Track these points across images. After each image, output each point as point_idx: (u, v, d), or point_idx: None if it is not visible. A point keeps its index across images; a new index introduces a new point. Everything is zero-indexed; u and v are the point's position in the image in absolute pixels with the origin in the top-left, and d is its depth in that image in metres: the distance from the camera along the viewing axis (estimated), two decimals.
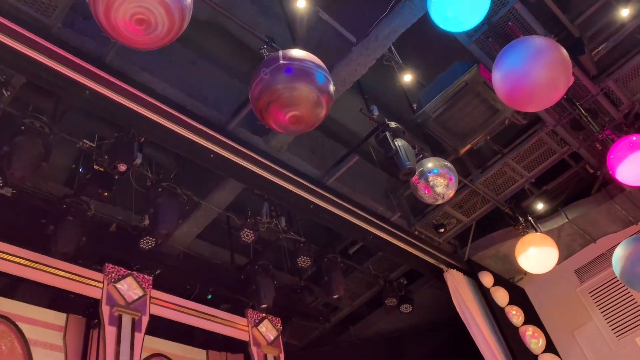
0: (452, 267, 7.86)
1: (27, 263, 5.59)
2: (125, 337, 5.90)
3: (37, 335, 6.15)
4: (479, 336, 7.30)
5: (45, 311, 6.39)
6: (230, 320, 7.25)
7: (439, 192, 5.75)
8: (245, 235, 6.90)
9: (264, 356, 7.20)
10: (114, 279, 6.18)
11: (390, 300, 8.31)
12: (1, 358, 5.77)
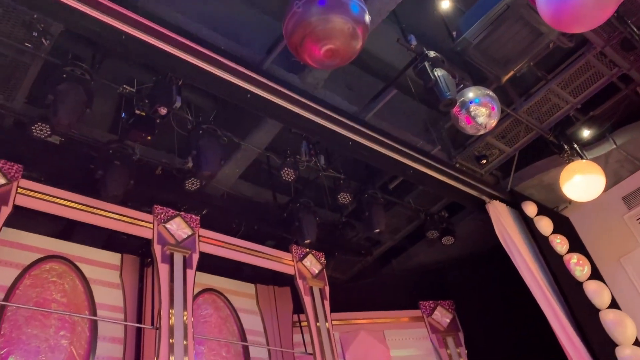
0: (495, 198, 7.80)
1: (81, 207, 5.86)
2: (178, 274, 6.19)
3: (95, 275, 6.55)
4: (523, 266, 7.31)
5: (101, 252, 6.76)
6: (276, 255, 7.48)
7: (480, 122, 5.63)
8: (285, 174, 6.99)
9: (310, 289, 7.44)
10: (163, 220, 6.43)
11: (432, 233, 8.37)
12: (65, 295, 6.19)
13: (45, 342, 5.76)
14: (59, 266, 6.30)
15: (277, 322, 7.96)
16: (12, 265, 5.92)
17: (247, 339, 7.48)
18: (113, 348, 6.23)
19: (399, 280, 9.56)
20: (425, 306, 8.87)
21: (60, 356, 5.79)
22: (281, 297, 8.27)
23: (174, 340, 5.71)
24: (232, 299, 7.76)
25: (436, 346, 8.49)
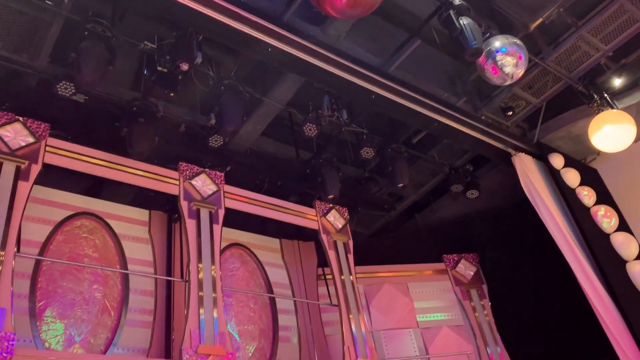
0: (521, 150, 7.67)
1: (108, 165, 5.95)
2: (205, 229, 6.31)
3: (124, 230, 6.71)
4: (548, 218, 7.25)
5: (129, 208, 6.91)
6: (300, 211, 7.54)
7: (507, 72, 5.48)
8: (308, 129, 6.96)
9: (334, 243, 7.52)
10: (189, 176, 6.51)
11: (456, 187, 8.32)
12: (97, 250, 6.38)
13: (80, 295, 5.99)
14: (90, 222, 6.47)
15: (302, 275, 8.11)
16: (44, 222, 6.10)
17: (274, 291, 7.66)
18: (144, 300, 6.44)
19: (422, 234, 9.60)
20: (448, 259, 8.92)
21: (94, 308, 6.02)
22: (306, 251, 8.39)
23: (203, 293, 5.87)
24: (257, 253, 7.90)
25: (460, 298, 8.58)
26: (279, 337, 7.34)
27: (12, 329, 4.49)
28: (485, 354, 8.05)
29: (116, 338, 6.00)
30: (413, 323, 8.17)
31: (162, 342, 6.27)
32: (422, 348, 7.92)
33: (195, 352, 5.39)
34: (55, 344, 5.59)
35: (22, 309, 5.46)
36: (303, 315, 7.76)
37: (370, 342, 6.87)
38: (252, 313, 7.34)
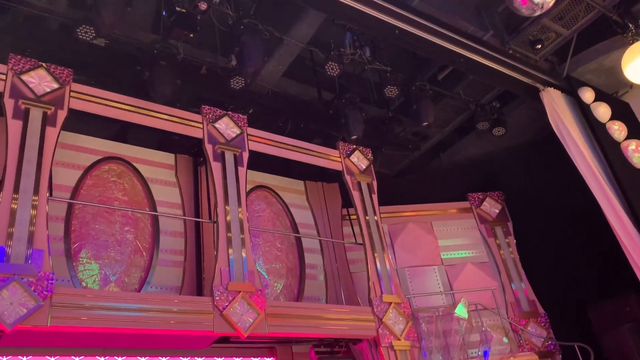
0: (549, 85, 7.45)
1: (133, 109, 5.98)
2: (230, 172, 6.37)
3: (152, 174, 6.82)
4: (577, 154, 7.12)
5: (155, 152, 6.99)
6: (323, 152, 7.54)
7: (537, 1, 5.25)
8: (330, 68, 6.85)
9: (358, 184, 7.55)
10: (212, 119, 6.51)
11: (482, 124, 8.18)
12: (126, 194, 6.52)
13: (112, 237, 6.17)
14: (117, 167, 6.58)
15: (326, 215, 8.20)
16: (73, 166, 6.23)
17: (299, 231, 7.78)
18: (175, 241, 6.62)
19: (446, 173, 9.54)
20: (473, 198, 8.90)
21: (127, 249, 6.22)
22: (330, 193, 8.45)
23: (231, 234, 6.00)
24: (282, 195, 7.99)
25: (484, 236, 8.61)
26: (305, 275, 7.52)
27: (51, 269, 4.68)
28: (509, 290, 8.15)
29: (149, 277, 6.22)
30: (437, 260, 8.27)
31: (194, 280, 6.48)
32: (447, 284, 8.05)
33: (226, 289, 5.57)
34: (92, 283, 5.83)
35: (58, 251, 5.66)
36: (328, 254, 7.91)
37: (395, 279, 7.00)
38: (279, 252, 7.50)
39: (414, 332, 6.70)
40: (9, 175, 4.90)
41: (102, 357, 5.53)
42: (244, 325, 5.49)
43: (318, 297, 7.46)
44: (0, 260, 4.47)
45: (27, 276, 4.49)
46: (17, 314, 4.33)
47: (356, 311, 6.59)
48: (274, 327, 5.77)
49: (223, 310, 5.43)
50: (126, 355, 5.67)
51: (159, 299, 5.32)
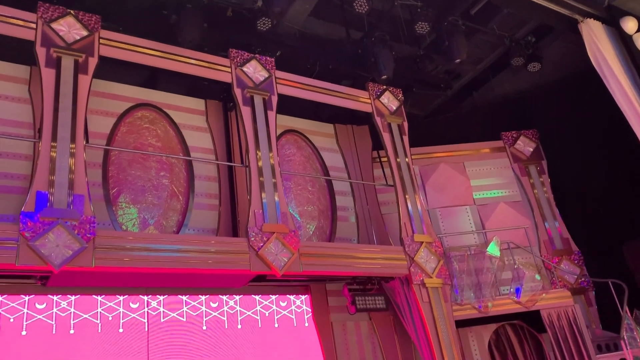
0: (589, 16, 7.10)
1: (161, 55, 5.98)
2: (260, 116, 6.39)
3: (183, 120, 6.90)
4: (617, 89, 6.86)
5: (186, 98, 7.04)
6: (353, 94, 7.45)
7: None
8: (358, 5, 6.66)
9: (388, 125, 7.48)
10: (240, 63, 6.48)
11: (517, 60, 7.90)
12: (160, 140, 6.63)
13: (149, 182, 6.34)
14: (150, 113, 6.67)
15: (357, 158, 8.20)
16: (107, 114, 6.34)
17: (330, 174, 7.83)
18: (209, 185, 6.76)
19: (479, 112, 9.34)
20: (507, 136, 8.73)
21: (163, 193, 6.39)
22: (360, 135, 8.42)
23: (263, 178, 6.08)
24: (312, 139, 8.00)
25: (518, 175, 8.50)
26: (337, 217, 7.63)
27: (92, 213, 4.86)
28: (543, 228, 8.11)
29: (186, 220, 6.41)
30: (469, 200, 8.24)
31: (229, 222, 6.65)
32: (479, 223, 8.05)
33: (260, 231, 5.71)
34: (132, 227, 6.05)
35: (97, 196, 5.86)
36: (359, 196, 7.96)
37: (426, 219, 7.04)
38: (311, 195, 7.59)
39: (446, 270, 6.79)
40: (47, 124, 5.03)
41: (145, 296, 5.81)
42: (278, 264, 5.65)
43: (350, 238, 7.59)
44: (44, 205, 4.66)
45: (70, 220, 4.68)
46: (64, 256, 4.55)
47: (388, 250, 6.69)
48: (308, 266, 5.93)
49: (258, 250, 5.59)
50: (167, 294, 5.94)
51: (196, 240, 5.50)
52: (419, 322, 6.46)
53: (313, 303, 6.77)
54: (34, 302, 5.23)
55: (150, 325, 5.69)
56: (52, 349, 5.11)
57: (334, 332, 6.71)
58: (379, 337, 6.94)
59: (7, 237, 4.43)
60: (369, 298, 6.66)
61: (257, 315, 6.42)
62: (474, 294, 6.92)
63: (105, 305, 5.56)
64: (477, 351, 7.19)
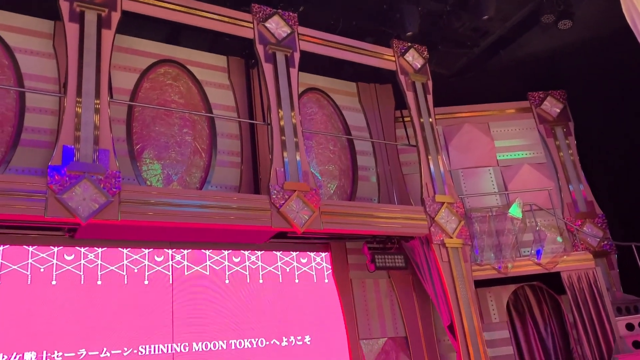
0: None
1: (183, 9, 5.93)
2: (282, 73, 6.34)
3: (206, 77, 6.89)
4: None
5: (208, 55, 7.01)
6: (377, 51, 7.33)
7: None
8: None
9: (412, 84, 7.36)
10: (262, 18, 6.39)
11: (547, 17, 7.59)
12: (182, 97, 6.65)
13: (172, 139, 6.40)
14: (172, 70, 6.67)
15: (379, 117, 8.12)
16: (130, 69, 6.36)
17: (351, 133, 7.79)
18: (231, 143, 6.80)
19: (506, 72, 9.07)
20: (534, 97, 8.54)
21: (186, 150, 6.45)
22: (383, 94, 8.31)
23: (285, 137, 6.09)
24: (335, 98, 7.93)
25: (543, 136, 8.35)
26: (358, 176, 7.63)
27: (117, 167, 4.95)
28: (567, 191, 8.01)
29: (209, 176, 6.48)
30: (493, 162, 8.15)
31: (251, 180, 6.71)
32: (501, 185, 7.99)
33: (282, 188, 5.76)
34: (156, 182, 6.14)
35: (122, 152, 5.95)
36: (381, 156, 7.93)
37: (448, 180, 7.00)
38: (332, 154, 7.59)
39: (466, 231, 6.79)
40: (71, 80, 5.08)
41: (169, 249, 5.95)
42: (299, 222, 5.71)
43: (370, 197, 7.60)
44: (70, 159, 4.75)
45: (96, 174, 4.78)
46: (90, 209, 4.66)
47: (408, 210, 6.70)
48: (328, 224, 5.98)
49: (280, 208, 5.65)
50: (191, 248, 6.07)
51: (219, 196, 5.57)
52: (437, 281, 6.52)
53: (333, 260, 6.87)
54: (63, 253, 5.41)
55: (175, 278, 5.86)
56: (80, 298, 5.31)
57: (353, 289, 6.82)
58: (398, 294, 7.05)
59: (36, 190, 4.54)
60: (389, 257, 6.73)
61: (278, 271, 6.55)
62: (494, 255, 6.94)
63: (131, 258, 5.72)
64: (495, 311, 7.26)
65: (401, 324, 6.92)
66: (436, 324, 7.01)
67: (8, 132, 5.45)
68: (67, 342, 5.10)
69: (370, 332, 6.69)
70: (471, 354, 6.15)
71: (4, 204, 4.41)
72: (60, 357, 5.02)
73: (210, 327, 5.83)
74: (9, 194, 4.45)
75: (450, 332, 6.36)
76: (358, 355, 6.45)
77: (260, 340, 6.07)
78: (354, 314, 6.67)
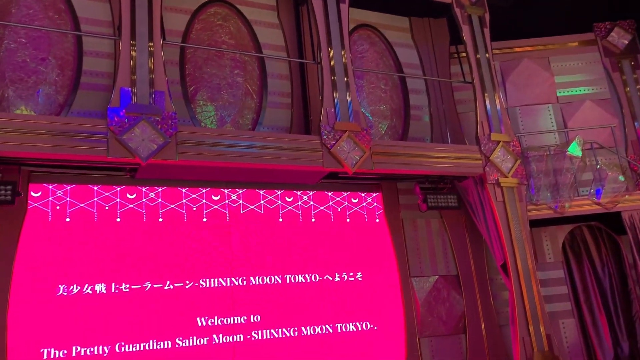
0: None
1: None
2: (332, 9, 6.19)
3: (255, 16, 6.82)
4: None
5: None
6: None
7: None
8: None
9: (468, 17, 7.05)
10: None
11: None
12: (232, 37, 6.62)
13: (224, 80, 6.44)
14: (222, 9, 6.63)
15: (433, 54, 7.86)
16: (181, 11, 6.36)
17: (404, 71, 7.60)
18: (281, 84, 6.78)
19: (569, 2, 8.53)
20: (599, 28, 8.00)
21: (238, 92, 6.50)
22: (437, 29, 7.99)
23: (335, 77, 6.01)
24: (386, 34, 7.70)
25: (609, 70, 7.87)
26: (410, 116, 7.49)
27: (172, 109, 5.05)
28: (632, 128, 7.61)
29: (261, 118, 6.54)
30: (552, 98, 7.79)
31: (301, 120, 6.72)
32: (561, 122, 7.65)
33: (333, 129, 5.75)
34: (210, 124, 6.25)
35: (176, 94, 6.06)
36: (434, 94, 7.72)
37: (505, 118, 6.77)
38: (383, 94, 7.45)
39: (523, 170, 6.62)
40: (125, 22, 5.13)
41: (225, 189, 6.12)
42: (350, 162, 5.72)
43: (423, 137, 7.48)
44: (128, 101, 4.89)
45: (153, 115, 4.91)
46: (149, 149, 4.82)
47: (462, 149, 6.57)
48: (380, 164, 5.97)
49: (331, 148, 5.66)
50: (246, 188, 6.22)
51: (270, 137, 5.63)
52: (491, 221, 6.46)
53: (384, 201, 6.88)
54: (125, 192, 5.67)
55: (231, 216, 6.05)
56: (143, 235, 5.60)
57: (404, 228, 6.86)
58: (449, 234, 7.03)
59: (98, 132, 4.73)
60: (441, 196, 6.68)
61: (330, 211, 6.64)
62: (551, 194, 6.76)
63: (189, 197, 5.93)
64: (550, 251, 7.15)
65: (453, 262, 6.94)
66: (488, 263, 7.00)
67: (68, 75, 5.64)
68: (133, 275, 5.43)
69: (422, 270, 6.77)
70: (524, 292, 6.15)
71: (69, 145, 4.63)
72: (127, 289, 5.37)
73: (265, 263, 6.05)
74: (73, 135, 4.66)
75: (503, 271, 6.35)
76: (409, 292, 6.57)
77: (314, 275, 6.26)
78: (405, 252, 6.73)
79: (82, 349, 5.04)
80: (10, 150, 4.51)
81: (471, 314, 6.73)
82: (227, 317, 5.69)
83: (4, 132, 4.44)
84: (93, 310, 5.18)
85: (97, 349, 5.08)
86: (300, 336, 5.96)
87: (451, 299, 6.74)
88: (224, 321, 5.66)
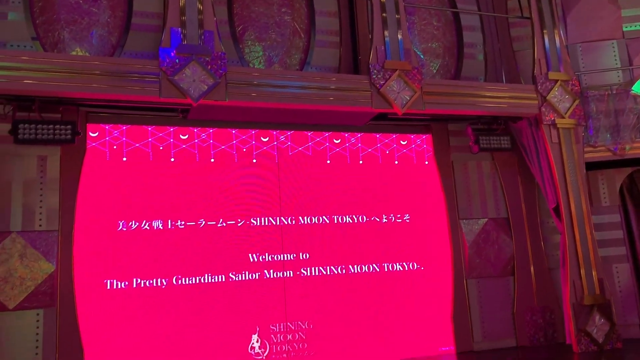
0: None
1: None
2: None
3: None
4: None
5: None
6: None
7: None
8: None
9: None
10: None
11: None
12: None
13: (271, 19, 6.36)
14: None
15: None
16: None
17: (457, 6, 7.26)
18: (330, 22, 6.63)
19: None
20: None
21: (286, 31, 6.41)
22: None
23: (386, 13, 5.83)
24: None
25: None
26: (463, 54, 7.21)
27: (221, 49, 5.06)
28: None
29: (309, 58, 6.46)
30: (618, 33, 7.27)
31: (350, 61, 6.60)
32: (626, 60, 7.16)
33: (382, 68, 5.63)
34: (258, 64, 6.24)
35: (225, 34, 6.04)
36: (490, 31, 7.38)
37: (564, 56, 6.44)
38: (436, 31, 7.18)
39: (581, 110, 6.34)
40: None
41: (274, 131, 6.16)
42: (400, 102, 5.63)
43: (477, 76, 7.22)
44: (178, 42, 4.91)
45: (202, 55, 4.93)
46: (200, 90, 4.89)
47: (517, 89, 6.33)
48: (431, 104, 5.84)
49: (380, 88, 5.57)
50: (294, 130, 6.24)
51: (318, 77, 5.57)
52: (545, 163, 6.27)
53: (434, 142, 6.76)
54: (179, 133, 5.80)
55: (280, 157, 6.12)
56: (196, 174, 5.75)
57: (454, 170, 6.75)
58: (501, 176, 6.87)
59: (150, 72, 4.81)
60: (494, 138, 6.49)
61: (378, 153, 6.60)
62: (611, 136, 6.46)
63: (239, 138, 6.01)
64: (606, 195, 6.91)
65: (503, 205, 6.82)
66: (540, 206, 6.84)
67: (120, 16, 5.70)
68: (187, 212, 5.63)
69: (471, 213, 6.70)
70: (577, 236, 6.02)
71: (122, 86, 4.74)
72: (182, 225, 5.59)
73: (314, 203, 6.14)
74: (126, 76, 4.76)
75: (556, 215, 6.21)
76: (457, 234, 6.55)
77: (361, 216, 6.31)
78: (454, 195, 6.65)
79: (142, 281, 5.34)
80: (67, 90, 4.66)
81: (520, 256, 6.66)
82: (277, 254, 5.87)
83: (62, 72, 4.59)
84: (151, 245, 5.44)
85: (155, 282, 5.38)
86: (347, 274, 6.10)
87: (500, 241, 6.68)
88: (274, 258, 5.85)
